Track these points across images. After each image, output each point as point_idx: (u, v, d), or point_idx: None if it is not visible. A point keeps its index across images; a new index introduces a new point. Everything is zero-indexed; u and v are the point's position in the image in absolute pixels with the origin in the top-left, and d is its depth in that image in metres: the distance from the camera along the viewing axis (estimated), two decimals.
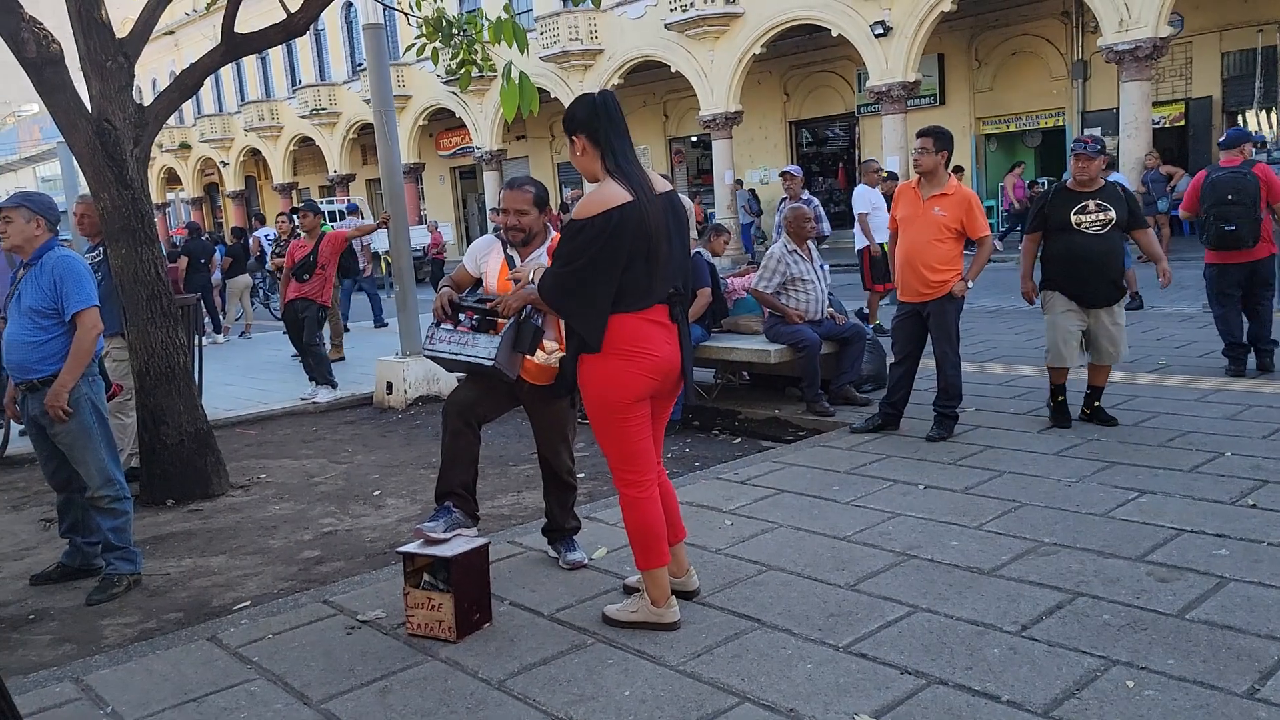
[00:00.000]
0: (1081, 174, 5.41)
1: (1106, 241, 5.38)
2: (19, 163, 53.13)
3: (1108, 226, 5.38)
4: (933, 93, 21.76)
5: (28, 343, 4.10)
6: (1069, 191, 5.50)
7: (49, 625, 4.01)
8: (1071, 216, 5.42)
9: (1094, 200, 5.41)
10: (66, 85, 5.36)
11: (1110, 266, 5.39)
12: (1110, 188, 5.48)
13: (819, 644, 3.12)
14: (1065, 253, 5.44)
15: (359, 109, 31.58)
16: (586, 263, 3.03)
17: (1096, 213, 5.39)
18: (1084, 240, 5.38)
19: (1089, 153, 5.36)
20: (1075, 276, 5.43)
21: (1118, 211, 5.38)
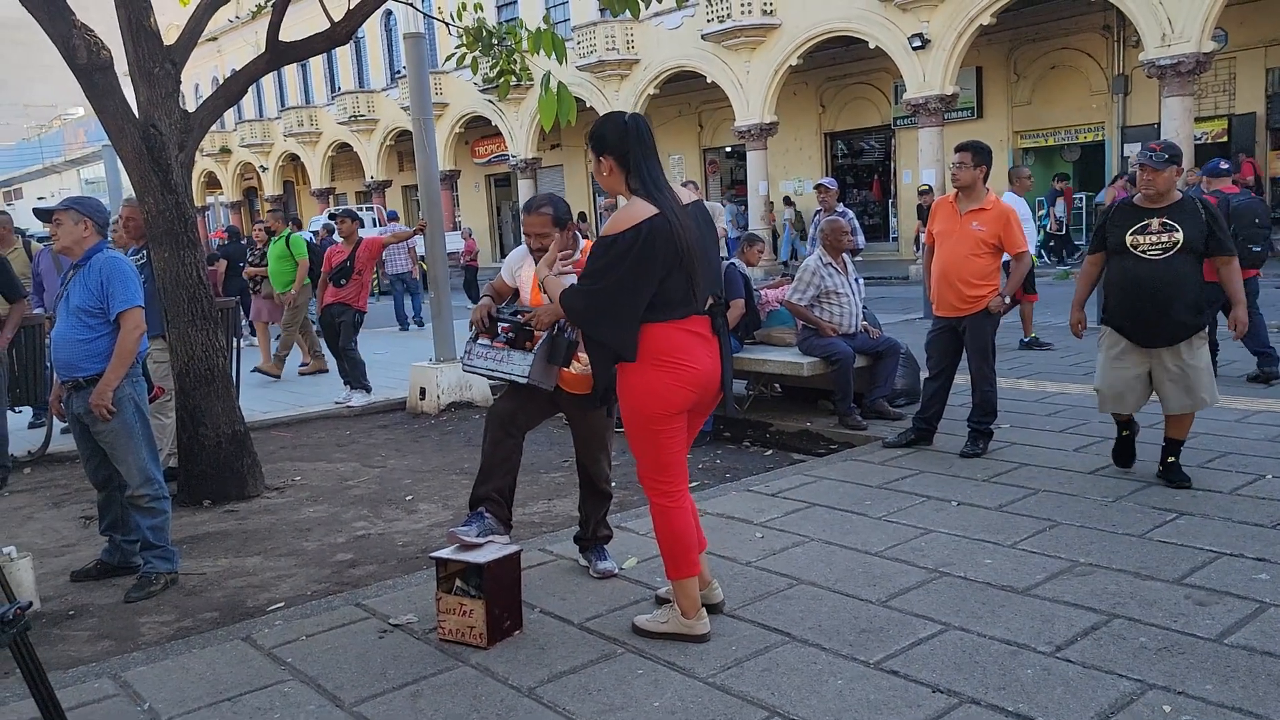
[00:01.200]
0: (1147, 188, 4.62)
1: (1169, 268, 4.52)
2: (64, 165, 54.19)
3: (1172, 250, 4.52)
4: (970, 106, 21.63)
5: (75, 341, 4.20)
6: (1133, 207, 4.71)
7: (88, 621, 4.08)
8: (1127, 238, 4.61)
9: (1159, 219, 4.57)
10: (115, 91, 5.47)
11: (1174, 299, 4.52)
12: (1186, 204, 4.62)
13: (850, 660, 3.10)
14: (1119, 281, 4.68)
15: (397, 116, 31.91)
16: (618, 278, 3.03)
17: (1160, 233, 4.54)
18: (1140, 266, 4.57)
19: (1154, 163, 4.57)
20: (1129, 310, 4.62)
21: (1188, 232, 4.53)
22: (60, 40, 5.27)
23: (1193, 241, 4.52)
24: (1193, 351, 4.59)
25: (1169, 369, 4.60)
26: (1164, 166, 4.54)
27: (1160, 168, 4.55)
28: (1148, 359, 4.64)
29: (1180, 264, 4.53)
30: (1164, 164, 4.55)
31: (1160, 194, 4.60)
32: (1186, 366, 4.57)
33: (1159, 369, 4.63)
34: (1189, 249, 4.52)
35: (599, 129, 3.18)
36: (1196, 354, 4.60)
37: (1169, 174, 4.58)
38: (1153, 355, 4.62)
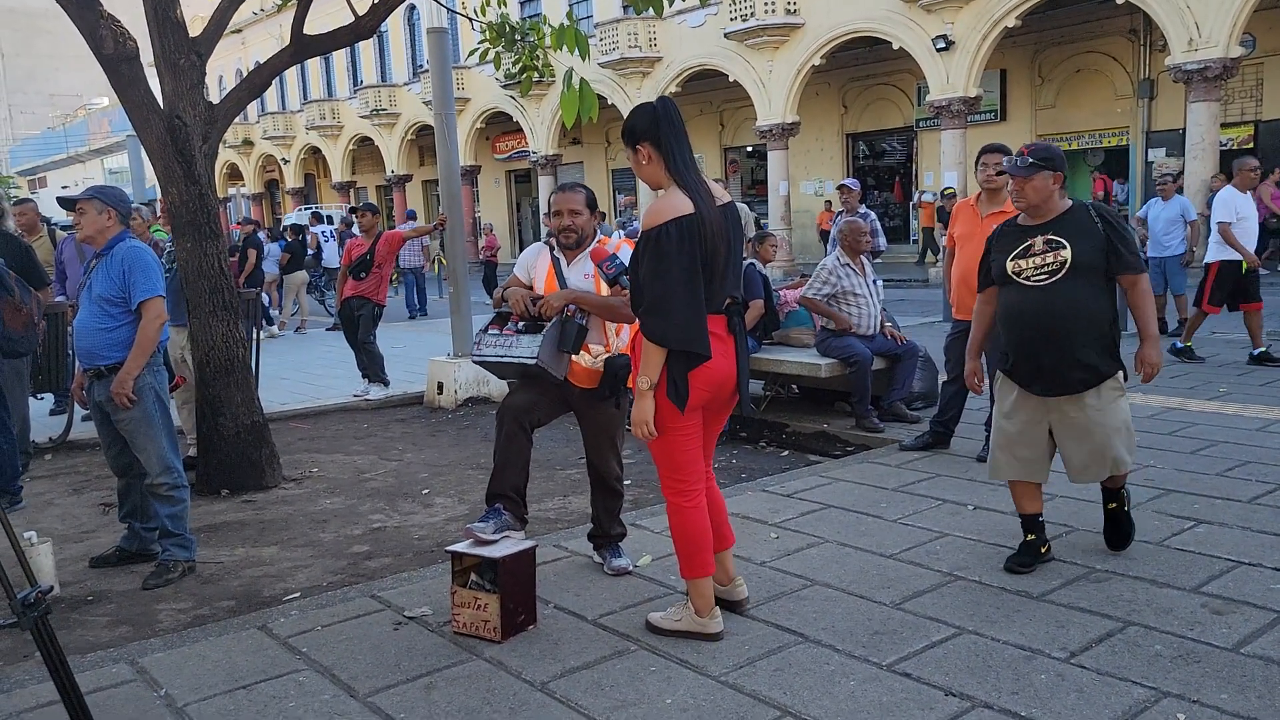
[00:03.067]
0: (1016, 199, 3.77)
1: (1059, 296, 3.60)
2: (88, 154, 54.65)
3: (1059, 272, 3.60)
4: (994, 108, 21.50)
5: (96, 330, 4.24)
6: (1015, 228, 3.82)
7: (107, 607, 4.12)
8: (1008, 264, 3.72)
9: (1043, 236, 3.69)
10: (141, 82, 5.52)
11: (1070, 334, 3.60)
12: (1075, 214, 3.70)
13: (863, 661, 3.10)
14: (1003, 317, 3.79)
15: (418, 110, 32.01)
16: (677, 270, 3.02)
17: (1043, 254, 3.65)
18: (1025, 296, 3.67)
19: (1018, 169, 3.69)
20: (1017, 351, 3.73)
21: (1078, 248, 3.60)
22: (87, 30, 5.32)
23: (1086, 259, 3.60)
24: (1102, 403, 3.64)
25: (1071, 425, 3.68)
26: (1031, 173, 3.66)
27: (1027, 174, 3.67)
28: (1045, 411, 3.72)
29: (1073, 289, 3.59)
30: (1029, 170, 3.67)
31: (1034, 206, 3.71)
32: (1094, 424, 3.63)
33: (1060, 425, 3.71)
34: (1083, 269, 3.59)
35: (630, 121, 3.19)
36: (1108, 406, 3.65)
37: (1040, 181, 3.67)
38: (1051, 407, 3.70)
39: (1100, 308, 3.64)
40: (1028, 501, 3.85)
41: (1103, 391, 3.66)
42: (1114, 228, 3.65)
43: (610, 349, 3.86)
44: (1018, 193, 3.71)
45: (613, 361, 3.80)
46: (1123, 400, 3.71)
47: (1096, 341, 3.62)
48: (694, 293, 3.04)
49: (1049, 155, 3.69)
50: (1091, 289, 3.62)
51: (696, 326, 3.06)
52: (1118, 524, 3.92)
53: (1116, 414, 3.69)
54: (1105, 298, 3.66)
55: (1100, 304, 3.64)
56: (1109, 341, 3.66)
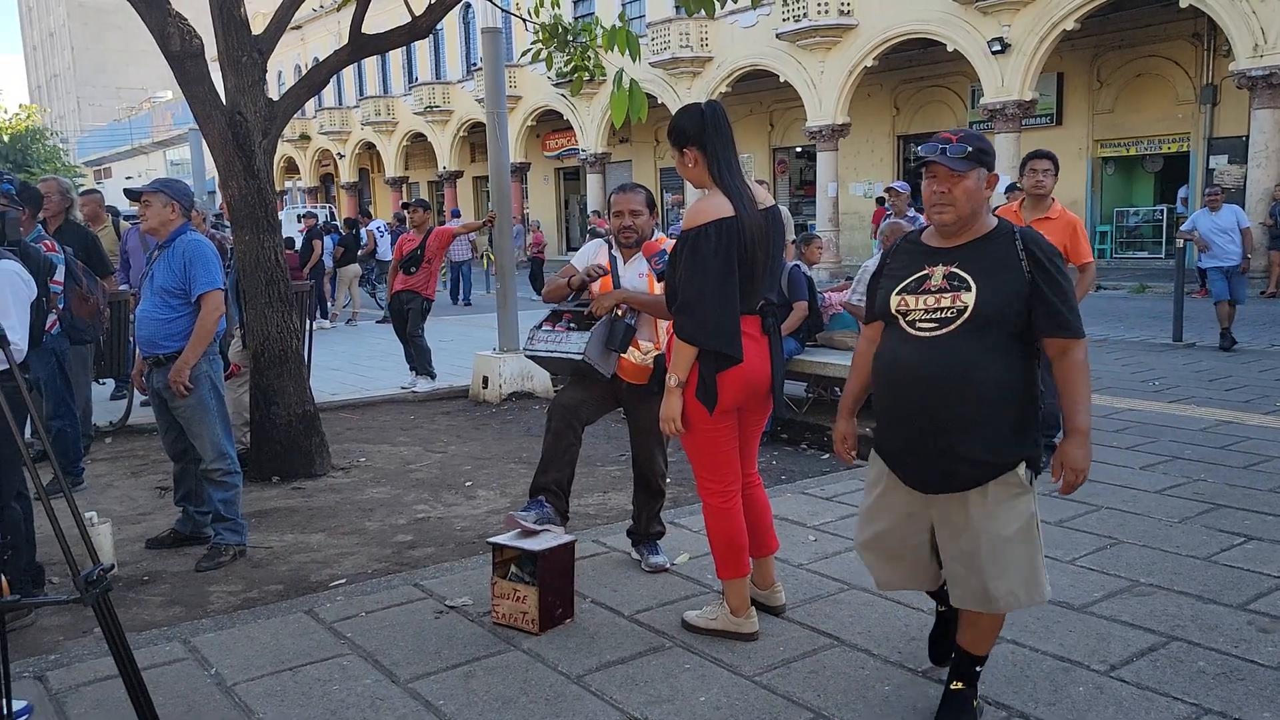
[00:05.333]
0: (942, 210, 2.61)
1: (944, 355, 2.54)
2: (151, 146, 55.96)
3: (954, 323, 2.54)
4: (1049, 112, 21.16)
5: (157, 319, 4.38)
6: (918, 245, 2.74)
7: (161, 587, 4.26)
8: (893, 298, 2.67)
9: (946, 267, 2.61)
10: (204, 78, 5.67)
11: (948, 409, 2.55)
12: (996, 244, 2.60)
13: (898, 667, 3.10)
14: (877, 366, 2.76)
15: (471, 107, 32.33)
16: (713, 271, 3.05)
17: (938, 292, 2.59)
18: (904, 349, 2.63)
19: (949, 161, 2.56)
20: (886, 418, 2.75)
21: (986, 294, 2.53)
22: (156, 28, 5.48)
23: (994, 309, 2.51)
24: (989, 504, 2.56)
25: (954, 534, 2.63)
26: (967, 168, 2.55)
27: (962, 170, 2.54)
28: (924, 504, 2.67)
29: (968, 348, 2.52)
30: (966, 163, 2.55)
31: (963, 219, 2.59)
32: (982, 534, 2.56)
33: (942, 526, 2.66)
34: (989, 322, 2.51)
35: (677, 122, 3.22)
36: (998, 510, 2.56)
37: (975, 183, 2.56)
38: (932, 504, 2.66)
39: (1006, 379, 2.53)
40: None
41: (990, 491, 2.54)
42: (1046, 270, 2.51)
43: (660, 346, 3.90)
44: (942, 196, 2.56)
45: (663, 359, 3.84)
46: (1022, 503, 2.55)
47: (991, 426, 2.52)
48: (728, 294, 3.07)
49: (986, 148, 2.59)
50: (996, 351, 2.51)
51: (728, 327, 3.09)
52: (952, 708, 2.73)
53: (1010, 518, 2.54)
54: (1017, 365, 2.55)
55: (1007, 374, 2.53)
56: (1013, 425, 2.55)
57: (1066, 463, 2.56)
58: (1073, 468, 2.56)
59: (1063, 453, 2.56)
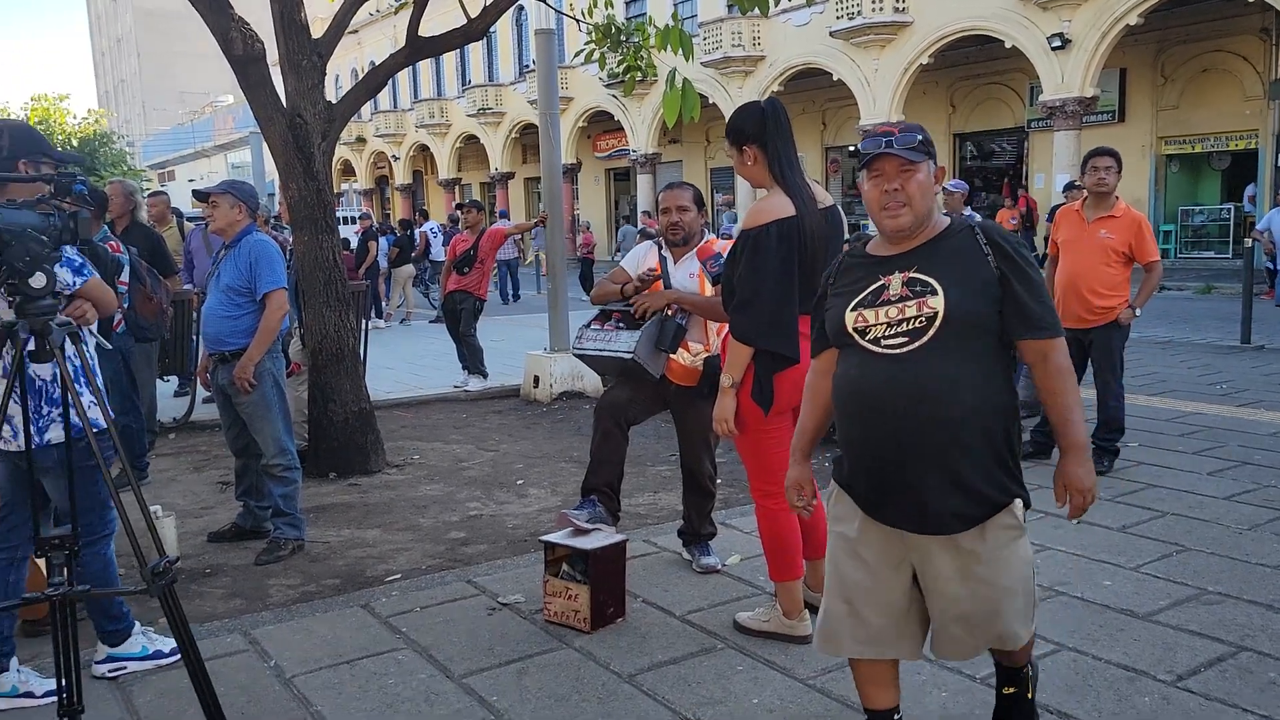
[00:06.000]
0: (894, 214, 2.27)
1: (921, 370, 2.20)
2: (212, 149, 57.26)
3: (926, 333, 2.20)
4: (1112, 109, 20.70)
5: (223, 317, 4.48)
6: (864, 259, 2.38)
7: (222, 580, 4.35)
8: (847, 315, 2.31)
9: (904, 271, 2.27)
10: (266, 82, 5.78)
11: (932, 433, 2.20)
12: (954, 240, 2.30)
13: (955, 673, 3.05)
14: (838, 397, 2.38)
15: (523, 109, 32.55)
16: (772, 271, 3.04)
17: (901, 301, 2.24)
18: (867, 369, 2.27)
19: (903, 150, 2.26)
20: (854, 455, 2.37)
21: (955, 296, 2.20)
22: (219, 33, 5.60)
23: (967, 311, 2.19)
24: (989, 549, 2.24)
25: (938, 578, 2.28)
26: (918, 159, 2.25)
27: (914, 159, 2.25)
28: (905, 549, 2.32)
29: (946, 360, 2.19)
30: (914, 154, 2.25)
31: (914, 221, 2.26)
32: (975, 580, 2.25)
33: (925, 573, 2.31)
34: (963, 327, 2.20)
35: (736, 121, 3.21)
36: (999, 555, 2.24)
37: (926, 176, 2.27)
38: (913, 544, 2.30)
39: (991, 392, 2.21)
40: (876, 689, 2.46)
41: (989, 531, 2.22)
42: (1013, 260, 2.22)
43: (710, 348, 3.89)
44: (894, 195, 2.24)
45: (712, 361, 3.83)
46: (1021, 543, 2.28)
47: (984, 448, 2.20)
48: (786, 294, 3.04)
49: (929, 139, 2.33)
50: (977, 361, 2.20)
51: (784, 327, 3.06)
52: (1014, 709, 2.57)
53: (1011, 566, 2.25)
54: (1000, 375, 2.25)
55: (991, 385, 2.21)
56: (1004, 449, 2.24)
57: (1070, 483, 2.27)
58: (1079, 488, 2.26)
59: (1064, 472, 2.28)
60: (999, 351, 2.26)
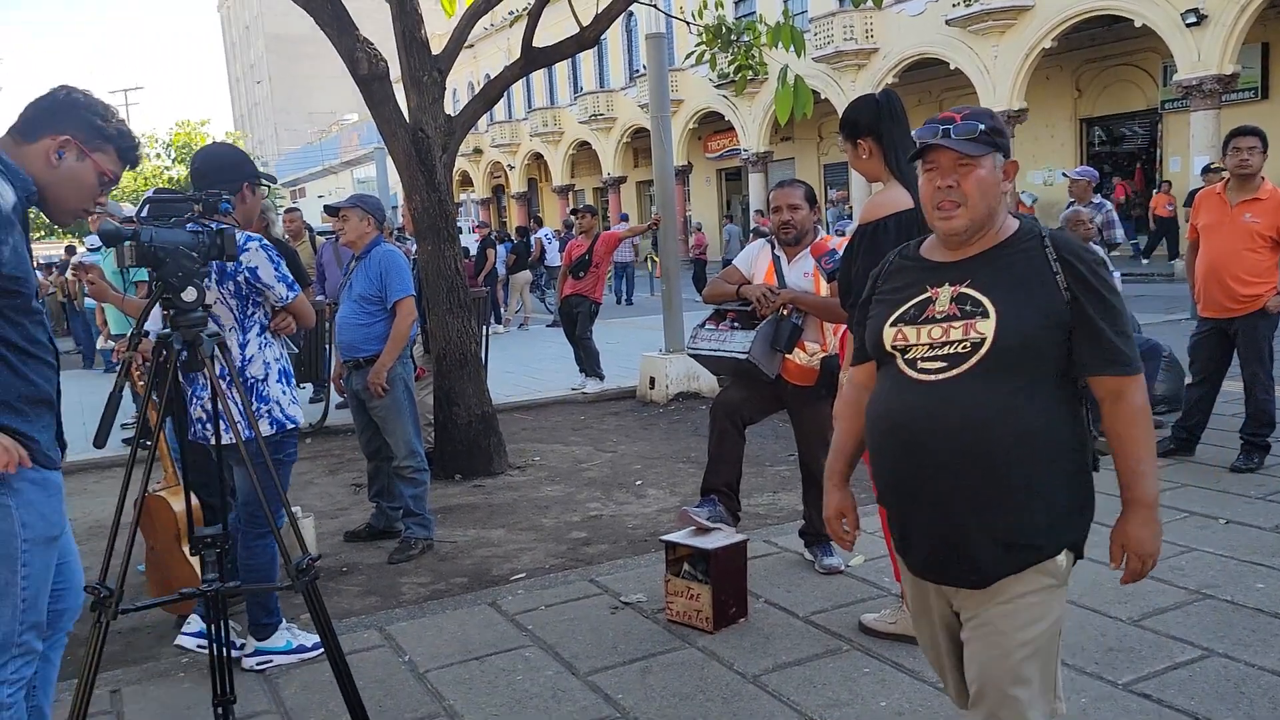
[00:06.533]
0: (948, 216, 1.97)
1: (964, 403, 1.90)
2: (339, 166, 59.62)
3: (971, 359, 1.91)
4: (1254, 85, 19.47)
5: (356, 325, 4.69)
6: (918, 262, 2.10)
7: (358, 578, 4.54)
8: (886, 330, 2.04)
9: (955, 285, 1.98)
10: (390, 99, 6.00)
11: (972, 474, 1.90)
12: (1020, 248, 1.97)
13: (1095, 679, 2.94)
14: (870, 420, 2.10)
15: (634, 114, 32.79)
16: None
17: (947, 321, 1.95)
18: (903, 395, 1.99)
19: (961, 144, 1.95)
20: (886, 487, 2.10)
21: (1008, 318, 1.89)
22: (345, 53, 5.84)
23: (1021, 339, 1.89)
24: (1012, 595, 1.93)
25: (970, 624, 2.01)
26: (978, 152, 1.94)
27: (971, 153, 1.94)
28: (935, 594, 2.09)
29: (988, 394, 1.89)
30: (973, 145, 1.94)
31: (970, 225, 1.96)
32: (990, 628, 1.96)
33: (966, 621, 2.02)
34: (1015, 357, 1.89)
35: (851, 114, 3.17)
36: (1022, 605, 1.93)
37: (989, 172, 1.95)
38: (954, 597, 2.04)
39: (1043, 434, 1.89)
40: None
41: (1026, 579, 1.92)
42: (1088, 284, 1.89)
43: (826, 348, 3.85)
44: (949, 192, 1.95)
45: (829, 361, 3.79)
46: (1052, 600, 1.95)
47: (1029, 492, 1.89)
48: None
49: (1000, 128, 1.99)
50: (1028, 396, 1.89)
51: None
52: None
53: (1033, 619, 1.93)
54: (1060, 414, 1.92)
55: (1045, 427, 1.90)
56: (1059, 493, 1.92)
57: (1129, 545, 1.93)
58: (1139, 552, 1.92)
59: (1123, 532, 1.93)
60: (1060, 382, 1.92)
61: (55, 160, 2.24)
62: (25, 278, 2.16)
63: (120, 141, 2.32)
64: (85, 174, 2.28)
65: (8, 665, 2.21)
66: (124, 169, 2.36)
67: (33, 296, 2.20)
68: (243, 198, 3.39)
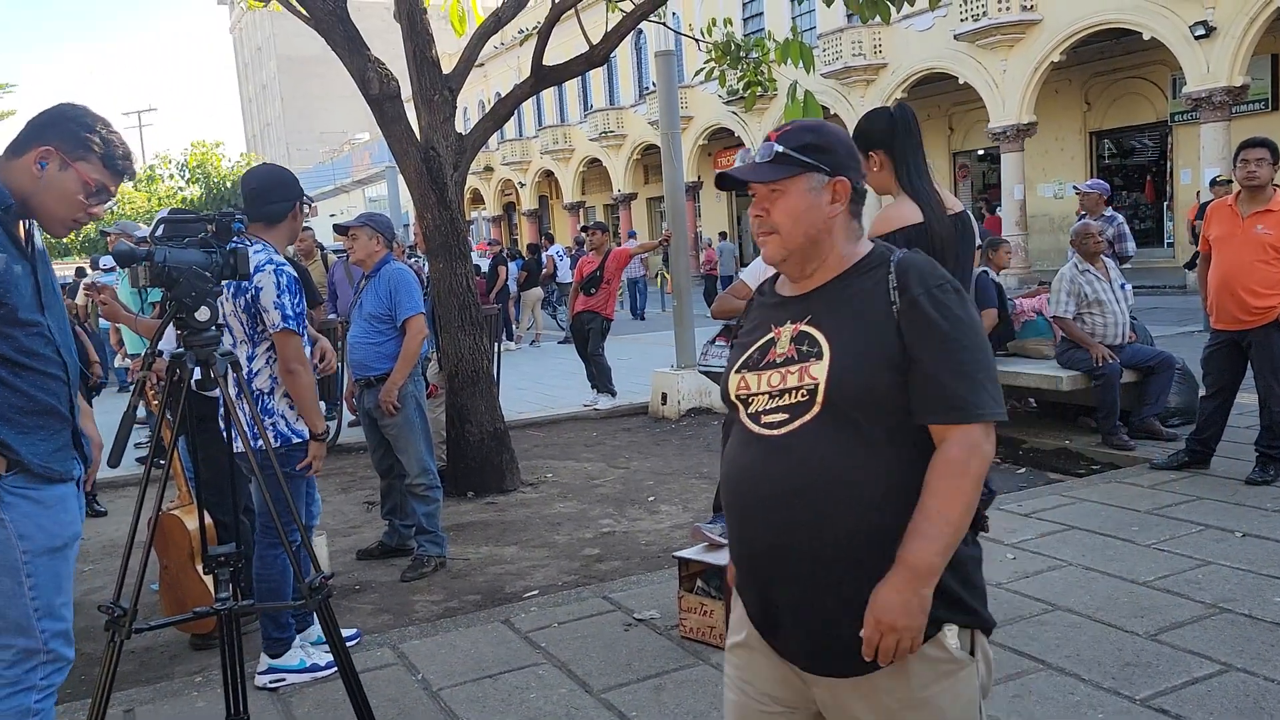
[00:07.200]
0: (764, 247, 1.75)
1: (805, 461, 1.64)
2: (351, 184, 59.99)
3: (806, 413, 1.64)
4: (1264, 97, 19.41)
5: (367, 344, 4.71)
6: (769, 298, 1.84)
7: (370, 596, 4.54)
8: (731, 380, 1.78)
9: (796, 323, 1.71)
10: (401, 118, 6.05)
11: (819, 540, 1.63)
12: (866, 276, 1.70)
13: (1112, 694, 2.91)
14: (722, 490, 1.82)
15: (644, 130, 32.93)
16: None
17: (785, 365, 1.69)
18: (745, 451, 1.73)
19: (750, 174, 1.73)
20: (738, 560, 1.79)
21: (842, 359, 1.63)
22: (357, 73, 5.90)
23: (853, 385, 1.63)
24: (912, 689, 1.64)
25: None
26: (779, 175, 1.71)
27: (770, 179, 1.72)
28: (803, 690, 1.74)
29: (833, 447, 1.64)
30: (773, 170, 1.71)
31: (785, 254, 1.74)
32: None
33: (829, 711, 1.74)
34: (849, 405, 1.63)
35: (863, 127, 3.18)
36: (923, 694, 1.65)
37: (798, 199, 1.71)
38: (812, 682, 1.72)
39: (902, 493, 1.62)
40: None
41: (912, 666, 1.63)
42: (921, 310, 1.63)
43: None
44: (760, 221, 1.74)
45: None
46: (958, 682, 1.66)
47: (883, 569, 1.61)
48: None
49: (823, 143, 1.71)
50: (882, 447, 1.63)
51: None
52: None
53: (942, 711, 1.66)
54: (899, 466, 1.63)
55: (903, 485, 1.62)
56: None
57: (873, 607, 1.58)
58: (880, 619, 1.56)
59: (875, 592, 1.58)
60: (907, 433, 1.63)
61: (38, 170, 2.24)
62: (6, 290, 2.17)
63: (105, 151, 2.31)
64: (68, 183, 2.27)
65: (36, 671, 2.24)
66: (115, 180, 2.35)
67: (21, 309, 2.20)
68: (294, 215, 3.54)
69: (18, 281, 2.19)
